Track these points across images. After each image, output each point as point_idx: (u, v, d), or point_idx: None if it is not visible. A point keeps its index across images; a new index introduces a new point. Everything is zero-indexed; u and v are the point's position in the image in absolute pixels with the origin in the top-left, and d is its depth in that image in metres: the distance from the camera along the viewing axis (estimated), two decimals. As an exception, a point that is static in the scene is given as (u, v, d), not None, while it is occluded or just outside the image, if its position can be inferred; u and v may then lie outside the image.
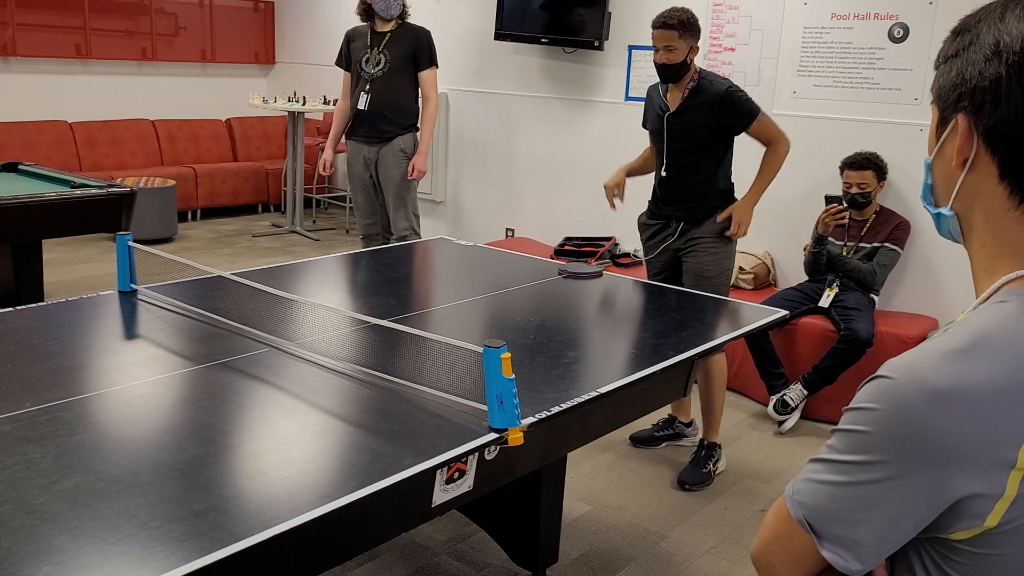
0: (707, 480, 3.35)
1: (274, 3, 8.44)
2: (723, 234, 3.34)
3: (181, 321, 2.24)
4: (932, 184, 0.94)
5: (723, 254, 3.36)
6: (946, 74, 0.89)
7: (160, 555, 1.20)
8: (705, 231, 3.36)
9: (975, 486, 0.77)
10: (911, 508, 0.80)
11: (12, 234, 4.04)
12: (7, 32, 6.86)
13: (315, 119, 8.01)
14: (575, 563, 2.76)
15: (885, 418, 0.79)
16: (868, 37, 4.32)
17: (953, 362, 0.77)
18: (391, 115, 4.56)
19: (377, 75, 4.55)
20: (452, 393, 1.80)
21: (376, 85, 4.55)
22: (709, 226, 3.36)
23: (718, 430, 3.44)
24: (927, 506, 0.79)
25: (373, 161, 4.63)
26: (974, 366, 0.77)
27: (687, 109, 3.30)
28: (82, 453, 1.49)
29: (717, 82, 3.29)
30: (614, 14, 5.31)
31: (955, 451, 0.76)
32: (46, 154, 6.96)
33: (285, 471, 1.46)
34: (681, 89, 3.31)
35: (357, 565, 2.65)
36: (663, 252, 3.47)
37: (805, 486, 0.87)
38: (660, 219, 3.47)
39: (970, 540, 0.80)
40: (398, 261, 3.10)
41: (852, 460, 0.82)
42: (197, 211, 7.60)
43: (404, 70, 4.55)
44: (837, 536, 0.83)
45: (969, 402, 0.76)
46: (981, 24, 0.86)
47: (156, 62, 7.82)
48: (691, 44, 3.24)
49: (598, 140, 5.56)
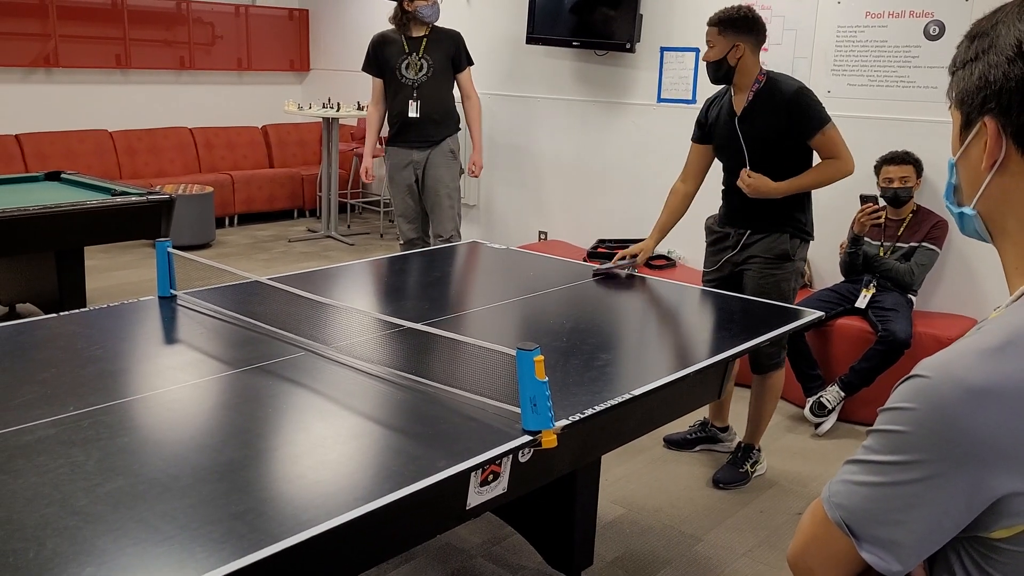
0: (743, 480, 3.32)
1: (308, 11, 8.53)
2: (782, 255, 3.15)
3: (219, 326, 2.28)
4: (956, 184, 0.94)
5: (781, 275, 3.17)
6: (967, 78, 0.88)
7: (200, 556, 1.23)
8: (763, 249, 3.17)
9: (1015, 484, 0.76)
10: (951, 507, 0.79)
11: (55, 241, 4.14)
12: (49, 44, 7.02)
13: (349, 125, 8.08)
14: (610, 566, 2.76)
15: (922, 417, 0.78)
16: (903, 35, 4.26)
17: (989, 360, 0.77)
18: (440, 118, 4.64)
19: (422, 80, 4.60)
20: (486, 396, 1.81)
21: (424, 90, 4.60)
22: (768, 244, 3.16)
23: (760, 437, 3.41)
24: (967, 505, 0.79)
25: (422, 165, 4.66)
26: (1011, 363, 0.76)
27: (752, 113, 3.11)
28: (124, 456, 1.52)
29: (787, 82, 3.10)
30: (646, 16, 5.30)
31: (994, 449, 0.76)
32: (87, 163, 7.10)
33: (321, 474, 1.48)
34: (746, 92, 3.12)
35: (393, 567, 2.67)
36: (723, 266, 3.29)
37: (842, 488, 0.86)
38: (726, 227, 3.30)
39: (1011, 539, 0.79)
40: (431, 265, 3.12)
41: (890, 460, 0.81)
42: (234, 217, 7.70)
43: (447, 73, 4.66)
44: (876, 537, 0.83)
45: (1006, 399, 0.75)
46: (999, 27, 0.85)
47: (194, 71, 7.95)
48: (733, 42, 3.06)
49: (631, 143, 5.55)
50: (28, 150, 6.89)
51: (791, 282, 3.21)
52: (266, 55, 8.38)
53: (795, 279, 3.22)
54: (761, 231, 3.18)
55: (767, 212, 3.16)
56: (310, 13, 8.53)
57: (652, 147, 5.36)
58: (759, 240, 3.19)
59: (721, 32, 3.09)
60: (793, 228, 3.17)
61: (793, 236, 3.17)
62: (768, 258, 3.17)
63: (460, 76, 4.72)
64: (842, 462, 0.88)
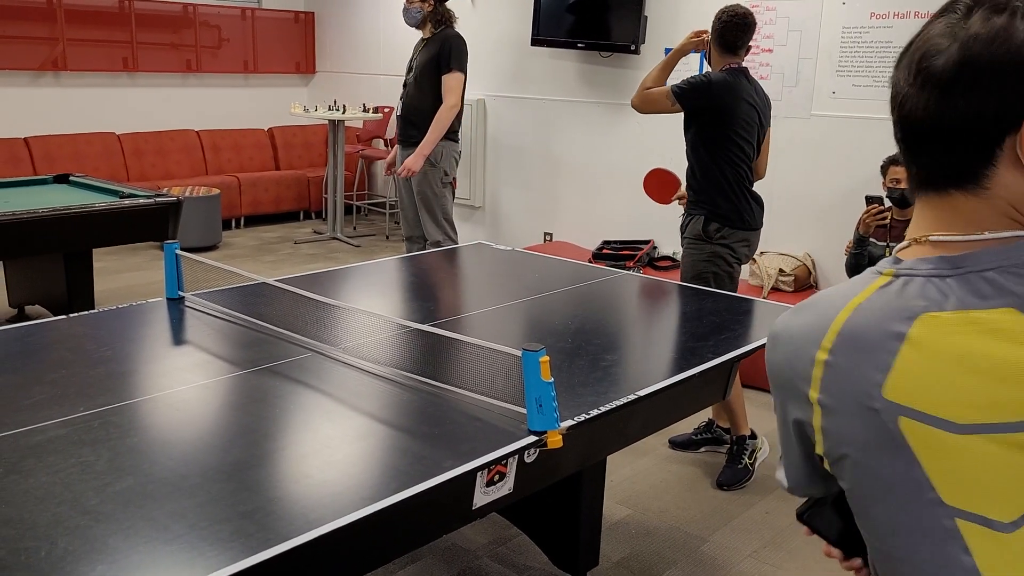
0: (746, 476, 3.33)
1: (314, 13, 8.56)
2: (697, 237, 3.27)
3: (226, 327, 2.30)
4: None
5: (697, 256, 3.28)
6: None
7: (208, 555, 1.24)
8: (687, 231, 3.34)
9: (799, 412, 0.89)
10: (784, 429, 0.95)
11: (64, 244, 4.16)
12: (57, 48, 7.05)
13: (355, 127, 8.10)
14: (616, 567, 2.76)
15: None
16: (909, 35, 4.23)
17: (789, 314, 0.93)
18: (416, 120, 4.64)
19: (408, 81, 4.68)
20: (491, 396, 1.82)
21: (408, 91, 4.68)
22: (691, 226, 3.31)
23: (745, 422, 3.41)
24: (788, 427, 0.93)
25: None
26: (800, 318, 0.90)
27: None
28: (133, 456, 1.54)
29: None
30: (650, 17, 5.31)
31: (781, 380, 0.91)
32: (95, 165, 7.13)
33: (328, 474, 1.49)
34: None
35: (399, 568, 2.68)
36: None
37: None
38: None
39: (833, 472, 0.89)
40: (437, 266, 3.13)
41: None
42: (241, 219, 7.72)
43: (430, 76, 4.60)
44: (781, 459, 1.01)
45: (787, 343, 0.90)
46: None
47: (200, 74, 7.98)
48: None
49: (635, 144, 5.56)
50: (37, 153, 6.92)
51: (711, 265, 3.26)
52: (272, 58, 8.41)
53: (717, 263, 3.27)
54: (689, 213, 3.35)
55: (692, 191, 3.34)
56: (316, 15, 8.56)
57: (657, 148, 5.36)
58: (688, 223, 3.35)
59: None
60: (710, 210, 3.26)
61: (709, 218, 3.26)
62: (688, 238, 3.32)
63: (442, 79, 4.60)
64: None
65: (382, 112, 7.41)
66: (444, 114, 4.58)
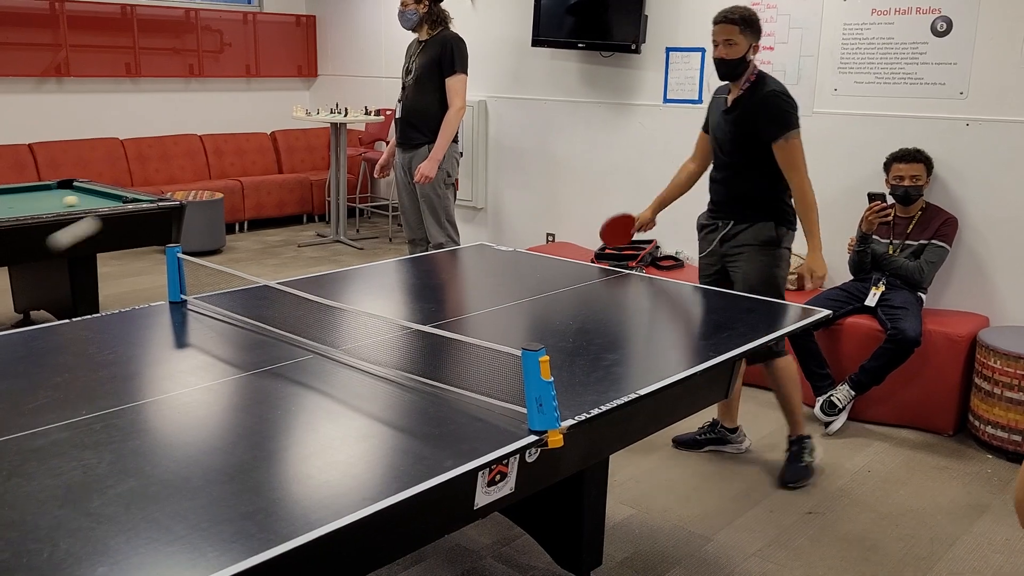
0: (808, 474, 3.34)
1: (315, 17, 8.57)
2: (769, 242, 3.23)
3: (229, 330, 2.30)
4: None
5: (770, 261, 3.25)
6: None
7: (210, 556, 1.24)
8: (750, 238, 3.25)
9: None
10: None
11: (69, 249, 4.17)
12: (60, 54, 7.08)
13: (357, 130, 8.12)
14: (619, 566, 2.76)
15: None
16: (910, 32, 4.26)
17: None
18: (417, 122, 4.64)
19: (408, 83, 4.68)
20: (492, 396, 1.83)
21: (407, 93, 4.67)
22: (755, 232, 3.24)
23: (802, 424, 3.42)
24: None
25: (407, 167, 4.72)
26: None
27: (738, 107, 3.22)
28: (135, 458, 1.54)
29: (771, 83, 3.19)
30: (651, 17, 5.31)
31: None
32: (99, 170, 7.16)
33: (330, 474, 1.50)
34: (739, 87, 3.23)
35: (403, 568, 2.69)
36: (711, 255, 3.38)
37: None
38: (713, 220, 3.39)
39: None
40: (439, 268, 3.14)
41: None
42: (244, 223, 7.74)
43: (431, 79, 4.59)
44: None
45: None
46: None
47: (203, 78, 8.00)
48: (751, 42, 3.17)
49: (637, 143, 5.56)
50: (41, 159, 6.95)
51: (781, 268, 3.29)
52: (274, 61, 8.43)
53: (784, 266, 3.31)
54: (746, 220, 3.27)
55: (751, 202, 3.27)
56: (317, 19, 8.58)
57: (659, 148, 5.37)
58: (745, 229, 3.28)
59: (743, 31, 3.16)
60: (778, 216, 3.26)
61: (779, 224, 3.25)
62: (756, 245, 3.25)
63: (446, 81, 4.58)
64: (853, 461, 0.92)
65: (384, 115, 7.42)
66: (453, 117, 4.59)
